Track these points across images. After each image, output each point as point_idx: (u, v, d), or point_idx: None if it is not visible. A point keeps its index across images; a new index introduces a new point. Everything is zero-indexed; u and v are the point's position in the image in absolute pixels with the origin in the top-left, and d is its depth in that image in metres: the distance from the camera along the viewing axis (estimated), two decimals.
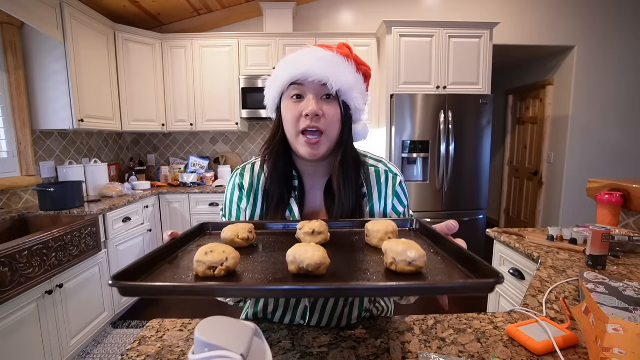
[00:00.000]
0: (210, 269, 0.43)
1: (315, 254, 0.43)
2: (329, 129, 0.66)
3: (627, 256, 1.14)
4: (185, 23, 3.23)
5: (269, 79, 0.72)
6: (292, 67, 0.65)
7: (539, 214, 3.88)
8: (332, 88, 0.64)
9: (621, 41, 3.33)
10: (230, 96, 3.06)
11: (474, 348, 0.62)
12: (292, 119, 0.66)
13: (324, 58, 0.65)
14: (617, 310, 0.65)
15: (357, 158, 0.75)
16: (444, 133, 2.72)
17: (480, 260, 0.42)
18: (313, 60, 0.64)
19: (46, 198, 2.03)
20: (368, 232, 0.58)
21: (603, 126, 3.44)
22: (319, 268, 0.42)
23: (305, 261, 0.42)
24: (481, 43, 2.82)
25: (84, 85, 2.35)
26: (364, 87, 0.70)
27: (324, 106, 0.66)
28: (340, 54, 0.67)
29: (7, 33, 2.07)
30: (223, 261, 0.43)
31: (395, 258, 0.44)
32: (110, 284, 0.38)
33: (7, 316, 1.39)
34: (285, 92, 0.68)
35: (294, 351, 0.60)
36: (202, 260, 0.43)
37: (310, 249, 0.44)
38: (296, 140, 0.67)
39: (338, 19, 3.35)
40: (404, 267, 0.43)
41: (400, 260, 0.44)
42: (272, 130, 0.73)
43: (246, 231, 0.56)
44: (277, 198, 0.71)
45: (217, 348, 0.35)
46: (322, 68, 0.63)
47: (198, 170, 3.28)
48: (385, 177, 0.76)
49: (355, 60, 0.69)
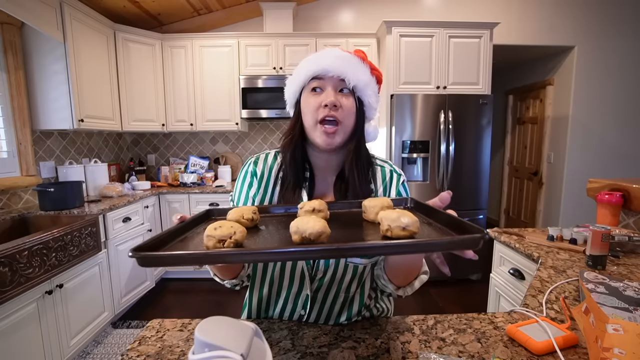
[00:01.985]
0: (220, 242, 0.46)
1: (317, 224, 0.46)
2: (345, 120, 0.71)
3: (627, 256, 1.14)
4: (185, 23, 3.23)
5: (289, 78, 0.78)
6: (314, 63, 0.71)
7: (539, 214, 3.88)
8: (350, 83, 0.70)
9: (621, 40, 3.32)
10: (230, 96, 3.06)
11: (474, 348, 0.62)
12: (312, 109, 0.71)
13: (343, 57, 0.71)
14: (617, 310, 0.64)
15: (368, 155, 0.79)
16: (444, 133, 2.72)
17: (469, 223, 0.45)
18: (332, 58, 0.71)
19: (46, 198, 2.03)
20: (365, 208, 0.60)
21: (603, 126, 3.44)
22: (320, 236, 0.45)
23: (308, 230, 0.45)
24: (481, 43, 2.82)
25: (84, 85, 2.35)
26: (376, 88, 0.76)
27: (342, 98, 0.71)
28: (357, 56, 0.73)
29: (7, 33, 2.07)
30: (231, 234, 0.46)
31: (390, 225, 0.47)
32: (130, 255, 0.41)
33: (7, 316, 1.39)
34: (306, 86, 0.74)
35: (294, 351, 0.60)
36: (212, 234, 0.46)
37: (311, 220, 0.47)
38: (314, 129, 0.72)
39: (338, 19, 3.35)
40: (399, 232, 0.47)
41: (395, 227, 0.47)
42: (291, 122, 0.78)
43: (250, 212, 0.59)
44: (293, 181, 0.75)
45: (217, 348, 0.35)
46: (340, 65, 0.70)
47: (198, 170, 3.28)
48: (390, 176, 0.80)
49: (370, 64, 0.75)
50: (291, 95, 0.78)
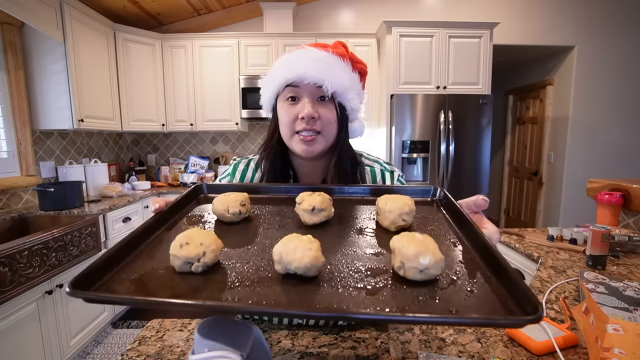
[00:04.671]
0: (186, 264, 0.37)
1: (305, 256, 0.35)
2: (325, 130, 0.66)
3: (627, 256, 1.14)
4: (185, 23, 3.23)
5: (264, 78, 0.71)
6: (288, 69, 0.64)
7: (539, 214, 3.88)
8: (328, 90, 0.63)
9: (625, 39, 3.31)
10: (230, 96, 3.06)
11: (474, 348, 0.62)
12: (288, 121, 0.66)
13: (319, 59, 0.64)
14: (617, 310, 0.64)
15: (354, 158, 0.75)
16: (444, 133, 2.72)
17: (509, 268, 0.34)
18: (308, 62, 0.63)
19: (46, 198, 2.03)
20: (379, 210, 0.50)
21: (603, 126, 3.44)
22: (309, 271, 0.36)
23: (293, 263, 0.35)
24: (481, 43, 2.82)
25: (84, 85, 2.35)
26: (359, 87, 0.70)
27: (320, 108, 0.65)
28: (335, 54, 0.66)
29: (7, 33, 2.07)
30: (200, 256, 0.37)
31: (404, 263, 0.36)
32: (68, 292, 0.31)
33: (7, 316, 1.39)
34: (281, 93, 0.68)
35: (294, 351, 0.60)
36: (177, 254, 0.37)
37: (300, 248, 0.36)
38: (291, 140, 0.68)
39: (338, 19, 3.35)
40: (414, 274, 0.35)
41: (410, 267, 0.35)
42: (269, 131, 0.73)
43: (238, 204, 0.51)
44: None
45: (217, 348, 0.35)
46: (317, 70, 0.63)
47: (198, 170, 3.28)
48: (382, 176, 0.76)
49: (351, 59, 0.68)
50: (267, 101, 0.72)
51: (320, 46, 0.67)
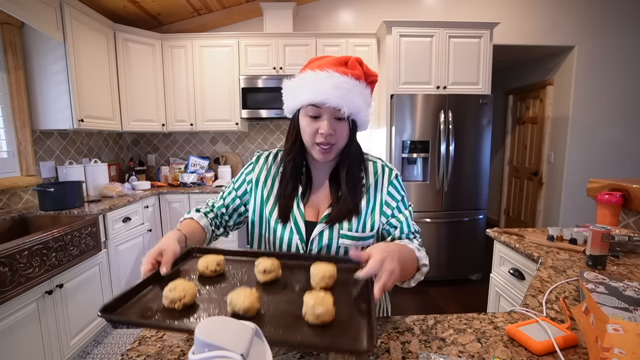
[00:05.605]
0: (172, 302, 0.55)
1: (246, 300, 0.53)
2: (339, 142, 0.79)
3: (627, 256, 1.14)
4: (185, 23, 3.23)
5: (288, 84, 0.82)
6: (312, 92, 0.74)
7: (539, 214, 3.88)
8: (345, 113, 0.74)
9: (626, 37, 3.31)
10: (230, 96, 3.06)
11: (474, 348, 0.62)
12: (310, 133, 0.78)
13: (339, 86, 0.73)
14: (617, 310, 0.64)
15: (360, 153, 0.86)
16: (444, 133, 2.72)
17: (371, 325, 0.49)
18: (330, 89, 0.73)
19: (46, 198, 2.03)
20: (310, 274, 0.65)
21: (603, 126, 3.44)
22: (248, 312, 0.53)
23: (237, 305, 0.53)
24: (481, 43, 2.82)
25: (84, 85, 2.35)
26: (370, 99, 0.80)
27: (337, 126, 0.77)
28: (353, 77, 0.74)
29: (7, 33, 2.07)
30: (181, 298, 0.55)
31: (306, 311, 0.53)
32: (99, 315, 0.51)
33: (7, 316, 1.39)
34: (304, 108, 0.78)
35: (294, 351, 0.60)
36: (166, 295, 0.56)
37: (242, 295, 0.54)
38: (312, 147, 0.80)
39: (338, 19, 3.35)
40: (313, 319, 0.51)
41: (310, 314, 0.52)
42: (292, 134, 0.84)
43: (214, 264, 0.68)
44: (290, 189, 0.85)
45: (217, 348, 0.35)
46: (337, 97, 0.73)
47: (198, 170, 3.28)
48: (382, 171, 0.87)
49: (365, 74, 0.78)
50: (290, 107, 0.83)
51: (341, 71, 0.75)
